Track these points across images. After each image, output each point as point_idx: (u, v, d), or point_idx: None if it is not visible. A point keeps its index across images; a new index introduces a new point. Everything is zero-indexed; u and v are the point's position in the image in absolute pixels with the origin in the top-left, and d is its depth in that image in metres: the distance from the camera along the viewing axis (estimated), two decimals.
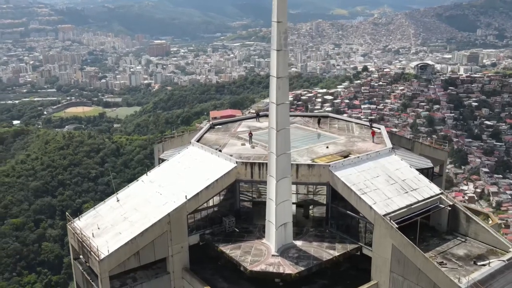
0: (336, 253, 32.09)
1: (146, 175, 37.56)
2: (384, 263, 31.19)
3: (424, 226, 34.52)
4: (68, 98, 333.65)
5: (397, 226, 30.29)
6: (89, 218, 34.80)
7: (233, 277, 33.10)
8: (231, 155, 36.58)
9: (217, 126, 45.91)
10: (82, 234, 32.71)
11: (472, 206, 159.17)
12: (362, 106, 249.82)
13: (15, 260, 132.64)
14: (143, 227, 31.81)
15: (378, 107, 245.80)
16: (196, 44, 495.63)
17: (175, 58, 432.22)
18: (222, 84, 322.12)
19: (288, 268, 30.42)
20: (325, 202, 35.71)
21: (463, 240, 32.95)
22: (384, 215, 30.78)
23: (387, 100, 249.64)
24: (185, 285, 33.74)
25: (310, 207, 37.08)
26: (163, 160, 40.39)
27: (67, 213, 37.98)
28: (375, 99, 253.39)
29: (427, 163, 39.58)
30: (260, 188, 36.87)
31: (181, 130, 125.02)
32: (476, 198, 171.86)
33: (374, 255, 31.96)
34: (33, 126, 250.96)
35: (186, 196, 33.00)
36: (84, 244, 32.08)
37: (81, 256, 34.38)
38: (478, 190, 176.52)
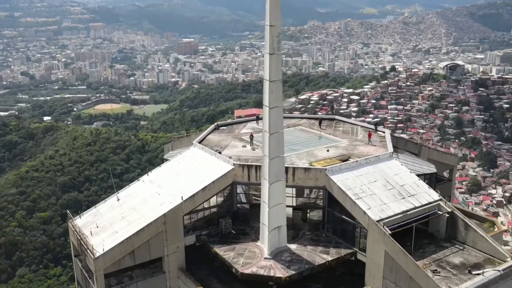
0: (329, 258, 31.95)
1: (147, 175, 38.17)
2: (377, 269, 30.93)
3: (422, 233, 34.10)
4: (98, 95, 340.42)
5: (390, 232, 29.97)
6: (90, 216, 35.60)
7: (227, 279, 33.27)
8: (230, 157, 36.82)
9: (222, 127, 46.20)
10: (80, 232, 33.51)
11: (501, 211, 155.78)
12: (389, 107, 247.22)
13: (42, 253, 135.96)
14: (139, 227, 32.36)
15: (405, 107, 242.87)
16: (224, 43, 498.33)
17: (203, 57, 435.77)
18: (248, 83, 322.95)
19: (279, 271, 30.46)
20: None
21: (461, 248, 32.37)
22: (378, 221, 30.48)
23: (414, 101, 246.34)
24: (181, 285, 34.16)
25: (308, 210, 36.92)
26: (166, 160, 40.95)
27: (68, 211, 38.92)
28: (402, 99, 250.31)
29: (431, 168, 38.95)
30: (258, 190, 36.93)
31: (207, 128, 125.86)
32: (504, 202, 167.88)
33: (368, 261, 31.73)
34: (63, 122, 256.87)
35: (182, 197, 33.41)
36: (82, 242, 32.86)
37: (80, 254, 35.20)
38: (507, 194, 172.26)
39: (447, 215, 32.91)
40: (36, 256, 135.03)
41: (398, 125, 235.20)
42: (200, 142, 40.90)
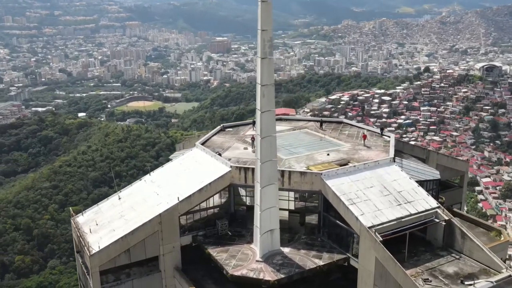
0: (321, 263, 31.85)
1: (149, 175, 38.90)
2: (369, 276, 30.67)
3: (420, 240, 33.66)
4: (131, 92, 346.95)
5: (381, 239, 29.65)
6: (91, 214, 36.60)
7: (222, 280, 33.42)
8: (229, 159, 37.16)
9: (228, 129, 46.53)
10: (80, 229, 34.52)
11: None
12: (421, 108, 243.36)
13: (72, 246, 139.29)
14: (135, 226, 33.05)
15: (438, 109, 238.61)
16: (257, 42, 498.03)
17: (235, 55, 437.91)
18: (279, 82, 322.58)
19: (269, 274, 30.58)
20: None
21: (457, 257, 31.70)
22: (370, 227, 30.21)
23: (448, 103, 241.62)
24: (176, 284, 34.71)
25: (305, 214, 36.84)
26: (170, 160, 41.59)
27: (70, 208, 40.03)
28: (435, 101, 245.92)
29: (434, 175, 38.20)
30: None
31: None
32: None
33: (360, 267, 31.51)
34: (96, 118, 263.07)
35: (178, 198, 33.93)
36: (81, 239, 33.86)
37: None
38: None
39: (444, 223, 32.31)
40: (67, 248, 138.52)
41: (431, 127, 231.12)
42: (204, 143, 41.43)
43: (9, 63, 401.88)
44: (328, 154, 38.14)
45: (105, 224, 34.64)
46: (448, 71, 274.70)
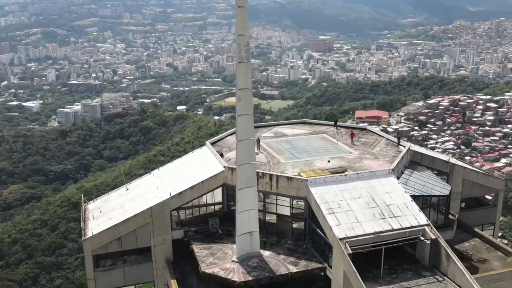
0: (294, 270, 31.51)
1: (158, 169, 40.92)
2: None
3: (408, 257, 32.11)
4: (230, 88, 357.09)
5: (350, 251, 28.74)
6: (100, 202, 39.45)
7: None
8: (229, 160, 37.93)
9: None
10: (85, 215, 37.44)
11: None
12: None
13: None
14: (129, 216, 35.11)
15: None
16: (360, 41, 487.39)
17: (336, 55, 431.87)
18: (377, 83, 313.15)
19: (238, 275, 30.95)
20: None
21: (440, 279, 29.71)
22: (341, 239, 29.38)
23: None
24: (166, 275, 36.28)
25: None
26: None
27: (82, 195, 43.21)
28: None
29: (442, 190, 35.72)
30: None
31: None
32: None
33: (333, 278, 30.80)
34: (193, 112, 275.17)
35: (170, 193, 35.43)
36: (82, 224, 36.72)
37: None
38: None
39: (428, 242, 30.39)
40: None
41: None
42: (215, 142, 42.66)
43: (124, 56, 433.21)
44: (329, 161, 37.34)
45: (107, 212, 37.21)
46: None
